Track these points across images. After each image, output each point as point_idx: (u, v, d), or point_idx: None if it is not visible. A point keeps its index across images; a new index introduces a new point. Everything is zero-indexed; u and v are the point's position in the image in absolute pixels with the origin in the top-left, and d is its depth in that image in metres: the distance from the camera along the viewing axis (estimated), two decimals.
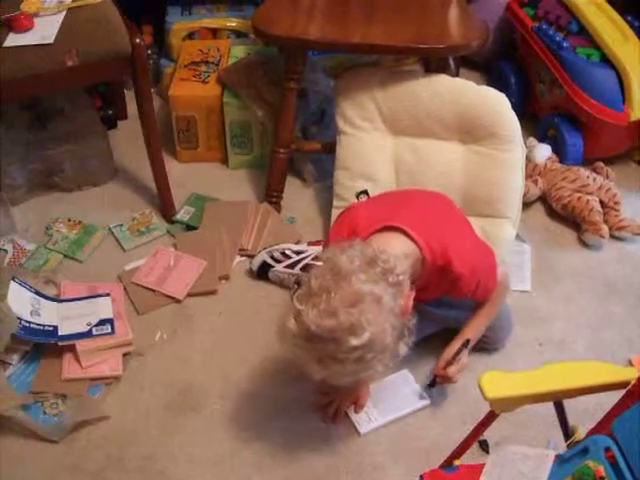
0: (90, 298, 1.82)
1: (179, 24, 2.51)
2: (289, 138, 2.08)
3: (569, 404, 1.23)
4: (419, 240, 1.42)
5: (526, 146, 2.00)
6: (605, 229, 2.04)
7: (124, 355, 1.74)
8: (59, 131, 2.16)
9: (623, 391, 1.07)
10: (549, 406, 1.23)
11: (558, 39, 2.23)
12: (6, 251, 2.01)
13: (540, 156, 2.22)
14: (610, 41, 2.17)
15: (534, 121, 2.41)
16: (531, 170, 2.19)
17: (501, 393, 1.13)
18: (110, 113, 2.46)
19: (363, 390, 1.66)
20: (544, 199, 2.19)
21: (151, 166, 2.08)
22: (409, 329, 1.32)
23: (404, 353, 1.32)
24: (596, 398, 1.15)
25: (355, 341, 1.22)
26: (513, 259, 1.99)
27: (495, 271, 1.60)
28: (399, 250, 1.39)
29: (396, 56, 2.49)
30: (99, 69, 1.81)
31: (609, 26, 2.21)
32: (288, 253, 1.93)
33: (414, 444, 1.60)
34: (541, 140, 2.30)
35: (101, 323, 1.74)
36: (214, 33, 2.54)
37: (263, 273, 1.94)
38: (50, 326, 1.71)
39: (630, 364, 1.74)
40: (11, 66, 1.69)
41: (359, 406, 1.65)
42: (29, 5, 1.75)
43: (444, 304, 1.69)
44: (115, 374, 1.70)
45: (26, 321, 1.67)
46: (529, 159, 2.15)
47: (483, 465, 1.11)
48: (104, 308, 1.79)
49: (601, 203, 2.10)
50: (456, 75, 2.08)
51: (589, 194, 2.10)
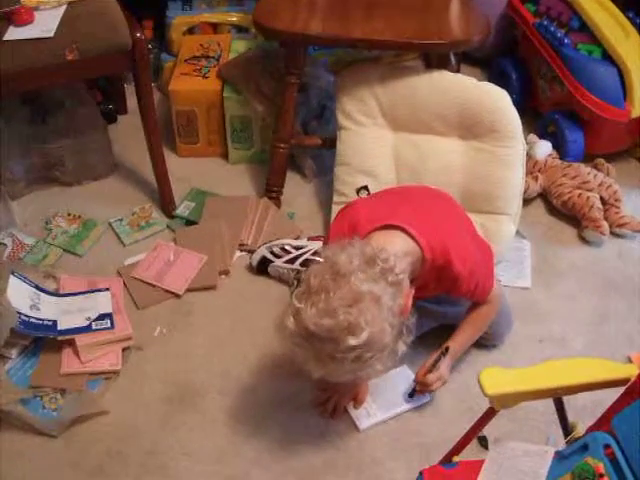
0: (89, 293, 1.82)
1: (180, 18, 2.51)
2: (289, 133, 2.08)
3: (568, 401, 1.23)
4: (419, 239, 1.42)
5: (526, 142, 2.00)
6: (605, 226, 2.04)
7: (123, 350, 1.74)
8: (59, 125, 2.16)
9: (623, 388, 1.07)
10: (548, 403, 1.23)
11: (559, 35, 2.23)
12: (5, 245, 2.01)
13: (540, 152, 2.22)
14: (611, 38, 2.17)
15: (535, 117, 2.41)
16: (531, 167, 2.18)
17: (501, 389, 1.12)
18: (110, 107, 2.46)
19: (362, 386, 1.66)
20: (544, 196, 2.19)
21: (151, 161, 2.08)
22: (408, 328, 1.32)
23: (403, 352, 1.32)
24: (595, 395, 1.15)
25: (353, 341, 1.22)
26: (513, 256, 1.99)
27: (493, 271, 1.59)
28: (399, 248, 1.39)
29: (397, 51, 2.48)
30: (99, 63, 1.81)
31: (610, 22, 2.21)
32: (288, 248, 1.93)
33: (413, 440, 1.60)
34: (541, 136, 2.29)
35: (100, 318, 1.75)
36: (215, 28, 2.54)
37: (263, 268, 1.94)
38: (49, 320, 1.71)
39: (629, 361, 1.74)
40: (11, 60, 1.69)
41: (358, 402, 1.65)
42: None
43: (443, 301, 1.70)
44: (114, 369, 1.70)
45: (25, 315, 1.67)
46: (529, 155, 2.14)
47: (482, 461, 1.11)
48: (103, 303, 1.79)
49: (601, 200, 2.10)
50: (457, 71, 2.07)
51: (589, 191, 2.10)
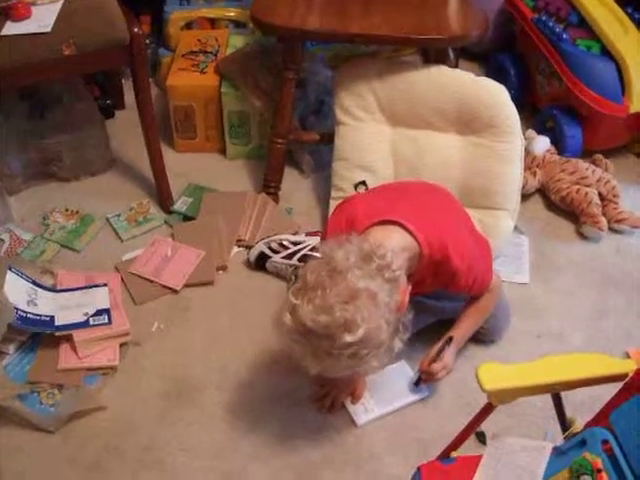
0: (87, 288, 1.82)
1: (177, 13, 2.50)
2: (287, 128, 2.07)
3: (566, 396, 1.22)
4: (417, 234, 1.42)
5: (525, 138, 2.00)
6: (603, 221, 2.04)
7: (121, 345, 1.74)
8: (57, 121, 2.16)
9: (620, 384, 1.07)
10: (546, 398, 1.23)
11: (558, 31, 2.22)
12: (3, 241, 2.01)
13: (539, 148, 2.22)
14: (610, 33, 2.17)
15: (533, 113, 2.40)
16: (530, 162, 2.18)
17: (499, 385, 1.12)
18: (108, 103, 2.46)
19: (360, 382, 1.66)
20: (543, 191, 2.19)
21: (149, 156, 2.08)
22: (404, 325, 1.32)
23: (399, 349, 1.32)
24: (593, 390, 1.15)
25: (349, 337, 1.22)
26: (511, 251, 1.99)
27: (491, 266, 1.59)
28: (396, 244, 1.38)
29: (395, 46, 2.48)
30: (97, 58, 1.81)
31: (609, 18, 2.22)
32: (286, 244, 1.93)
33: (411, 435, 1.60)
34: (540, 132, 2.29)
35: (98, 313, 1.74)
36: (212, 23, 2.54)
37: (261, 264, 1.94)
38: (47, 316, 1.71)
39: (628, 356, 1.75)
40: (8, 55, 1.68)
41: (356, 397, 1.65)
42: None
43: (441, 296, 1.69)
44: (112, 364, 1.70)
45: (23, 311, 1.67)
46: (528, 151, 2.14)
47: (480, 457, 1.11)
48: (101, 298, 1.79)
49: (600, 195, 2.10)
50: (455, 66, 2.07)
51: (588, 186, 2.10)
